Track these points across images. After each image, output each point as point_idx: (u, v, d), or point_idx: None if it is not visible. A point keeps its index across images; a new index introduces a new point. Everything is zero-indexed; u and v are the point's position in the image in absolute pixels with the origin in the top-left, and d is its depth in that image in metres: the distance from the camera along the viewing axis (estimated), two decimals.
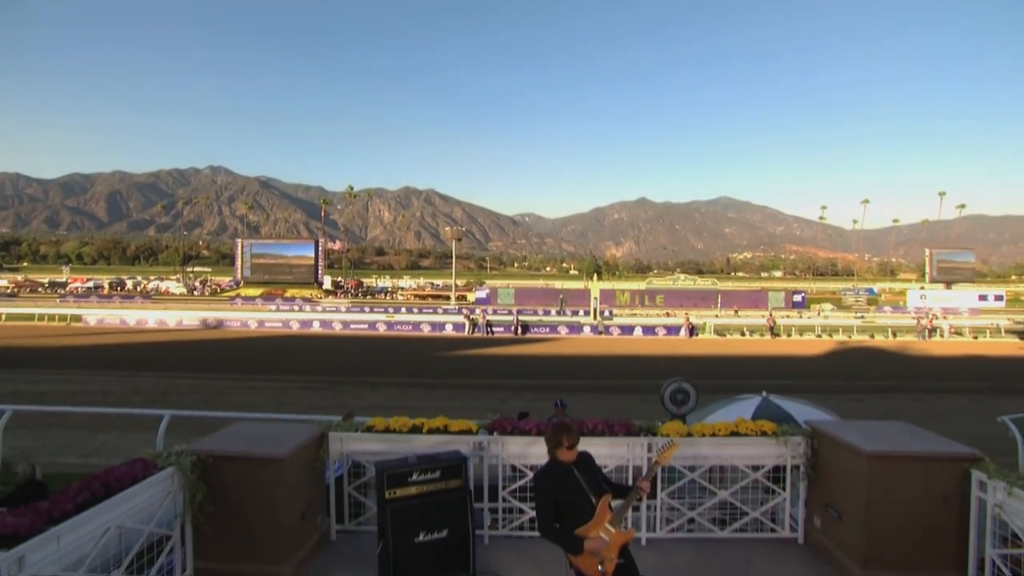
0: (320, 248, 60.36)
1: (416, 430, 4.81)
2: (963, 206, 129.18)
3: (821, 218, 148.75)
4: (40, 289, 67.91)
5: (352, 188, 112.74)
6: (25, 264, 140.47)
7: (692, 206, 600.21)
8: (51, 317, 37.47)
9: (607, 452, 4.76)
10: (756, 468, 4.89)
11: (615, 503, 3.21)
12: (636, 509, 3.32)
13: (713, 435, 4.81)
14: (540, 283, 68.15)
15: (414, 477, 4.03)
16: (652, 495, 4.83)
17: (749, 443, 4.84)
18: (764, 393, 6.47)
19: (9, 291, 64.03)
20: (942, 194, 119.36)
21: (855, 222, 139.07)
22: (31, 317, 37.42)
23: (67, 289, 64.44)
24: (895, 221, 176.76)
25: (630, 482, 4.80)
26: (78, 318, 37.08)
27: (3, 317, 37.11)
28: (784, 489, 4.91)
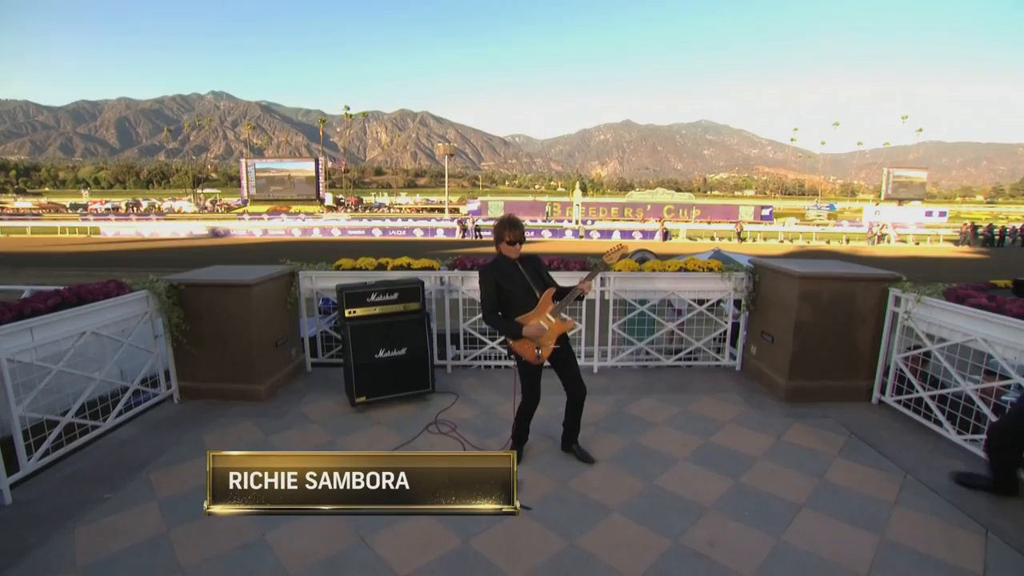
0: (320, 166, 58.34)
1: (381, 267, 4.63)
2: (920, 130, 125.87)
3: (792, 139, 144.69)
4: (62, 210, 66.07)
5: (348, 109, 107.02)
6: (46, 189, 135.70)
7: (674, 128, 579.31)
8: (72, 230, 36.91)
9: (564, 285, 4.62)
10: (702, 302, 4.81)
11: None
12: (577, 300, 3.16)
13: (663, 270, 4.67)
14: (529, 198, 66.89)
15: (372, 298, 3.89)
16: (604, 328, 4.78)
17: (696, 278, 4.71)
18: (716, 248, 6.31)
19: (34, 212, 62.61)
20: (904, 117, 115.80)
21: (823, 143, 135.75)
22: (54, 230, 36.86)
23: (87, 210, 62.81)
24: (859, 144, 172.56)
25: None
26: (97, 230, 36.49)
27: (29, 231, 37.01)
28: (726, 322, 4.87)
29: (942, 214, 53.48)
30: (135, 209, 68.11)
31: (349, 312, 3.82)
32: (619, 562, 2.41)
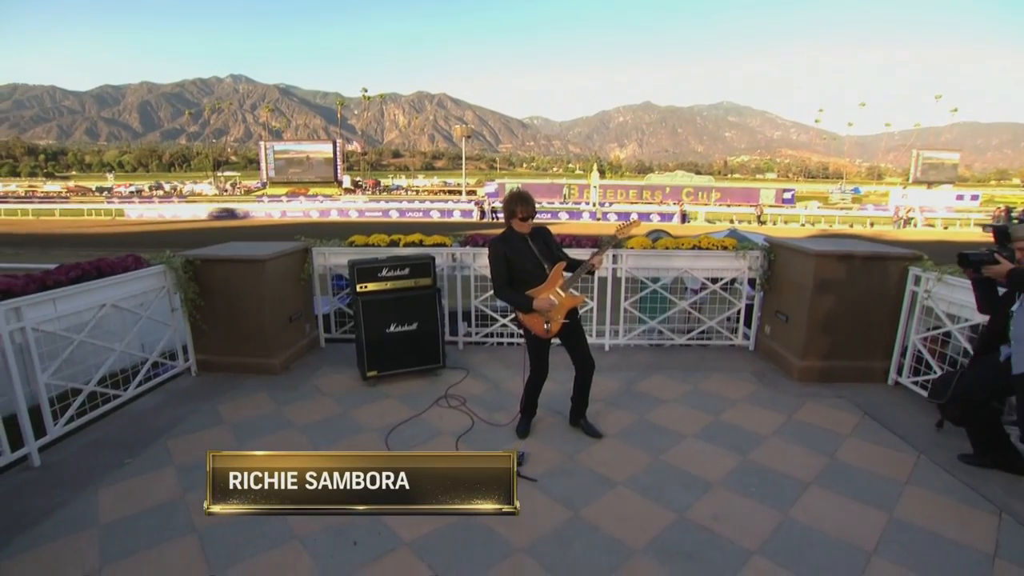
0: (339, 148, 58.67)
1: (394, 244, 4.65)
2: (955, 110, 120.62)
3: (817, 121, 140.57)
4: (89, 194, 67.67)
5: (366, 91, 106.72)
6: (73, 173, 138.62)
7: (694, 110, 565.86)
8: (97, 212, 37.89)
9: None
10: (716, 281, 4.74)
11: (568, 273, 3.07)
12: (588, 275, 3.14)
13: (676, 248, 4.61)
14: (547, 180, 66.41)
15: (383, 273, 3.91)
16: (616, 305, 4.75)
17: (710, 256, 4.64)
18: (732, 228, 6.20)
19: (62, 195, 64.31)
20: (938, 97, 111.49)
21: (850, 125, 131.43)
22: (80, 212, 37.87)
23: (112, 193, 64.29)
24: (887, 125, 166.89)
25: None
26: (121, 213, 37.40)
27: (57, 213, 38.14)
28: (740, 300, 4.80)
29: (974, 198, 51.29)
30: (158, 192, 69.55)
31: (361, 287, 3.86)
32: (622, 533, 2.42)
